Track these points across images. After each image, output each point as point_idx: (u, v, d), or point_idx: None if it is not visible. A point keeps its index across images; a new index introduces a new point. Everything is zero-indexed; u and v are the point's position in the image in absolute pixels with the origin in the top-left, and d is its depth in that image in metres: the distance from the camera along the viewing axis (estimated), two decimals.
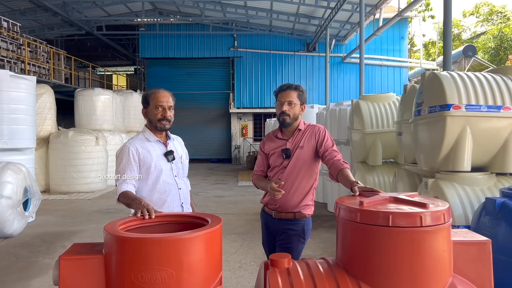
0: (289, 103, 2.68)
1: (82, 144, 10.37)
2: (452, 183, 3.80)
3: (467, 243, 1.85)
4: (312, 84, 19.48)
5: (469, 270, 1.82)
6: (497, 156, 3.77)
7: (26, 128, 7.25)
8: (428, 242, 1.65)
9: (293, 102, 2.68)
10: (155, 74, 20.25)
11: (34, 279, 4.42)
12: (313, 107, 10.79)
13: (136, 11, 18.51)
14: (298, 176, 2.69)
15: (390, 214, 1.64)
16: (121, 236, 1.65)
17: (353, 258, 1.76)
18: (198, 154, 19.86)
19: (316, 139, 2.70)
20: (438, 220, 1.66)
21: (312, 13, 15.99)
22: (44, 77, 13.21)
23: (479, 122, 3.68)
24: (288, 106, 2.68)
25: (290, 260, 1.85)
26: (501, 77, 3.86)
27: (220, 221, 1.84)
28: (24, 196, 6.17)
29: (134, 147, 2.47)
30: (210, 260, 1.72)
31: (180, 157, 2.63)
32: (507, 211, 2.99)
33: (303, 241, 2.77)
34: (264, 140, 2.95)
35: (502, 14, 30.58)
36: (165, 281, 1.59)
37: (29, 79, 7.47)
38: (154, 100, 2.51)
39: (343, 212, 1.81)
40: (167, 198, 2.50)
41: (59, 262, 1.70)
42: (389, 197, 1.88)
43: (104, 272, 1.71)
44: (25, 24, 16.36)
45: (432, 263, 1.65)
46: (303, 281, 1.72)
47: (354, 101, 6.50)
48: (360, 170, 6.38)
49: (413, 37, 32.24)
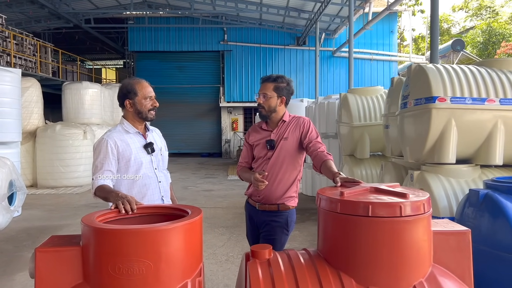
0: (264, 96, 2.70)
1: (70, 138, 10.27)
2: (438, 175, 3.83)
3: (447, 233, 1.85)
4: (303, 78, 19.49)
5: (448, 260, 1.83)
6: (481, 148, 3.79)
7: (11, 121, 7.15)
8: (408, 232, 1.65)
9: (267, 94, 2.70)
10: (144, 68, 20.08)
11: (18, 273, 4.37)
12: (303, 101, 10.80)
13: (124, 4, 18.30)
14: (282, 167, 2.68)
15: (370, 204, 1.63)
16: (98, 227, 1.63)
17: (334, 249, 1.75)
18: (188, 148, 19.79)
19: (300, 130, 2.70)
20: (418, 210, 1.66)
21: (302, 6, 15.95)
22: (31, 70, 13.03)
23: (464, 114, 3.70)
24: (263, 99, 2.71)
25: (271, 251, 1.84)
26: (486, 69, 3.88)
27: (200, 212, 1.82)
28: (9, 190, 6.09)
29: (112, 140, 2.40)
30: (189, 251, 1.70)
31: (160, 149, 2.60)
32: (490, 202, 3.01)
33: (287, 232, 2.77)
34: (249, 131, 2.95)
35: (491, 8, 30.78)
36: (142, 273, 1.57)
37: (14, 71, 7.36)
38: (143, 90, 2.49)
39: (324, 202, 1.80)
40: (147, 191, 2.46)
41: (35, 254, 1.67)
42: (370, 187, 1.87)
43: (81, 264, 1.69)
44: (12, 17, 16.10)
45: (411, 253, 1.65)
46: (284, 272, 1.72)
47: (342, 95, 6.51)
48: (348, 163, 6.40)
49: (403, 31, 32.31)
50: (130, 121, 2.53)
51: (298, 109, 11.01)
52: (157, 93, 2.71)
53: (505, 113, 3.68)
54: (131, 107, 2.51)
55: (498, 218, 2.93)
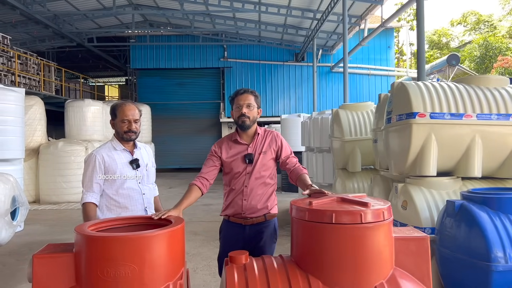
0: (248, 106, 2.74)
1: (72, 155, 10.49)
2: (420, 188, 3.99)
3: (407, 238, 2.02)
4: (301, 93, 19.76)
5: (409, 263, 2.00)
6: (461, 161, 3.96)
7: (14, 139, 7.38)
8: (369, 238, 1.82)
9: (251, 104, 2.75)
10: (146, 85, 20.43)
11: (20, 285, 4.54)
12: (300, 116, 11.00)
13: (126, 23, 18.74)
14: (263, 180, 2.81)
15: (334, 212, 1.81)
16: (88, 235, 1.82)
17: (303, 253, 1.93)
18: (189, 163, 19.96)
19: (277, 145, 2.85)
20: (378, 217, 1.83)
21: (300, 24, 16.30)
22: (35, 89, 13.34)
23: (443, 129, 3.88)
24: (247, 109, 2.74)
25: (247, 256, 2.02)
26: (464, 86, 4.07)
27: (182, 221, 2.01)
28: (12, 206, 6.28)
29: (100, 155, 2.72)
30: (171, 256, 1.88)
31: (146, 165, 2.84)
32: (465, 213, 3.18)
33: (275, 240, 2.93)
34: (220, 145, 2.90)
35: (489, 23, 31.18)
36: (128, 276, 1.75)
37: (17, 91, 7.62)
38: (121, 113, 2.74)
39: (294, 211, 1.98)
40: (130, 202, 2.74)
41: (32, 260, 1.86)
42: (337, 197, 2.06)
43: (74, 269, 1.87)
44: (16, 37, 16.53)
45: (373, 256, 1.82)
46: (257, 275, 1.89)
47: (334, 110, 6.70)
48: (341, 177, 6.56)
49: (402, 46, 32.73)
50: (118, 139, 2.77)
51: (296, 124, 11.23)
52: (159, 109, 2.97)
53: (482, 127, 3.85)
54: (113, 127, 2.82)
55: (472, 228, 3.09)
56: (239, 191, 2.83)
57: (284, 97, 19.81)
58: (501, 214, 3.08)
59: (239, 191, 2.83)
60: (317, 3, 13.62)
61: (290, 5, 14.02)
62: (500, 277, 2.91)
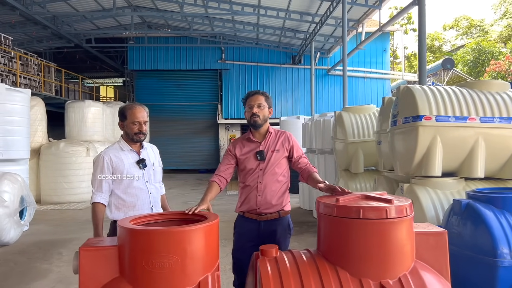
0: (259, 106, 2.92)
1: (73, 155, 10.55)
2: (425, 188, 4.15)
3: (427, 233, 2.17)
4: (298, 95, 19.95)
5: (428, 256, 2.15)
6: (464, 162, 4.13)
7: (21, 139, 7.45)
8: (393, 232, 1.97)
9: (262, 104, 2.92)
10: (143, 86, 20.49)
11: (33, 283, 4.63)
12: (299, 118, 11.16)
13: (125, 24, 18.81)
14: (277, 177, 2.94)
15: (361, 208, 1.96)
16: (135, 229, 1.94)
17: (331, 247, 2.07)
18: (187, 165, 20.05)
19: (289, 144, 3.00)
20: (401, 213, 1.98)
21: (298, 27, 16.48)
22: (35, 89, 13.36)
23: (448, 131, 4.04)
24: (258, 108, 2.91)
25: (277, 250, 2.16)
26: (468, 90, 4.25)
27: (217, 217, 2.14)
28: (20, 205, 6.36)
29: (108, 156, 2.85)
30: (209, 249, 2.01)
31: (152, 165, 2.99)
32: (471, 211, 3.33)
33: (289, 236, 3.07)
34: (235, 144, 3.06)
35: (480, 27, 31.66)
36: (171, 267, 1.88)
37: (23, 92, 7.69)
38: (131, 116, 2.86)
39: (322, 207, 2.12)
40: (138, 201, 2.88)
41: (79, 253, 1.98)
42: (361, 195, 2.21)
43: (117, 261, 1.99)
44: (15, 37, 16.49)
45: (397, 250, 1.97)
46: (289, 267, 2.03)
47: (337, 113, 6.87)
48: (344, 177, 6.72)
49: (396, 49, 33.07)
50: (125, 139, 2.90)
51: (295, 126, 11.38)
52: (156, 110, 3.12)
53: (485, 130, 4.03)
54: (122, 128, 2.93)
55: (479, 225, 3.25)
56: (253, 187, 2.95)
57: (281, 99, 19.97)
58: (506, 213, 3.24)
59: (253, 187, 2.95)
60: (315, 6, 13.81)
61: (289, 8, 14.19)
62: (506, 272, 3.07)
